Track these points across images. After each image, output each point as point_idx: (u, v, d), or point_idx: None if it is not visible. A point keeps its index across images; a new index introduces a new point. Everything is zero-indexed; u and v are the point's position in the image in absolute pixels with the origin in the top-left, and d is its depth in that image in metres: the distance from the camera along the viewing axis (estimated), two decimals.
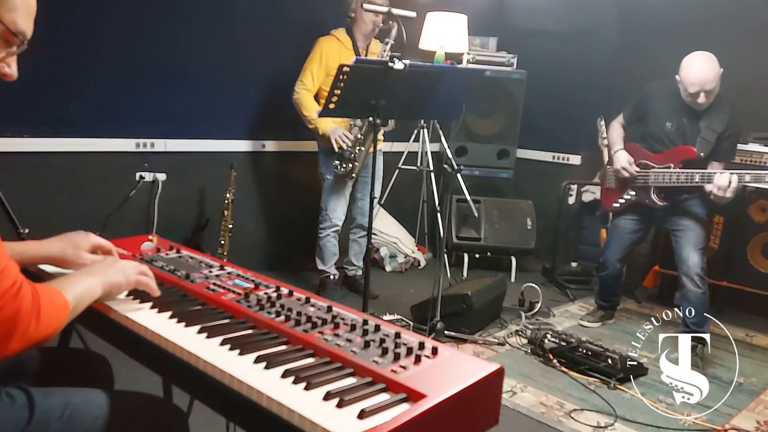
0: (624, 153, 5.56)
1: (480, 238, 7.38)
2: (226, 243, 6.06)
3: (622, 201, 5.69)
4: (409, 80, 4.47)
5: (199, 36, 6.03)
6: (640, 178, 5.49)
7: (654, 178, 5.40)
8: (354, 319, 2.06)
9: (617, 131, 5.72)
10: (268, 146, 6.73)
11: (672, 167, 5.30)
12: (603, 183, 5.96)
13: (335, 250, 6.35)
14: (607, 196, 5.89)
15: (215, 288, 2.31)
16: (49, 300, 1.87)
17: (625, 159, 5.53)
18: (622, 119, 5.76)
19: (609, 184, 5.83)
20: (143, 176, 5.84)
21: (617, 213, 5.81)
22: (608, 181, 5.84)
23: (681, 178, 5.23)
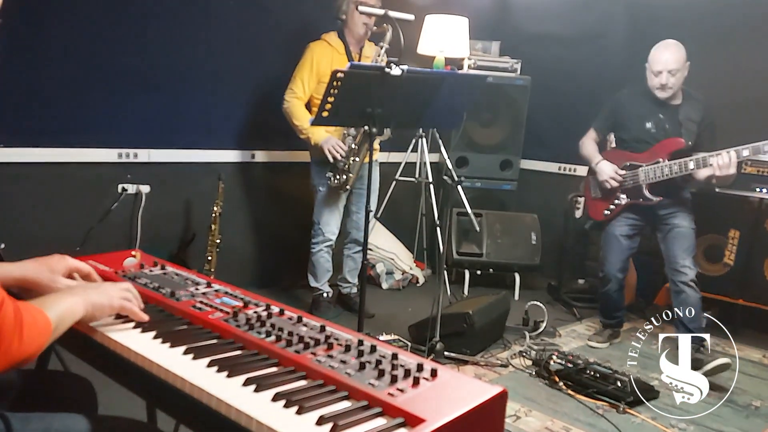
0: (606, 163, 5.87)
1: (482, 254, 7.39)
2: (213, 259, 6.06)
3: (613, 207, 5.87)
4: (406, 87, 4.47)
5: (185, 41, 6.05)
6: (629, 180, 5.75)
7: (644, 176, 5.66)
8: (348, 340, 2.07)
9: (591, 145, 6.06)
10: (257, 157, 6.74)
11: (661, 162, 5.57)
12: (587, 193, 6.14)
13: (328, 267, 6.33)
14: (594, 206, 6.07)
15: (202, 307, 2.31)
16: (31, 318, 1.87)
17: (608, 169, 5.83)
18: (593, 134, 6.10)
19: (595, 194, 6.04)
20: (126, 188, 5.85)
21: (609, 220, 5.91)
22: (593, 191, 6.05)
23: (674, 169, 5.50)
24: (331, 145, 5.78)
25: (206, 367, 1.91)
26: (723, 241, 6.53)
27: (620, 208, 5.83)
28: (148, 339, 2.08)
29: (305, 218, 6.41)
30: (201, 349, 2.02)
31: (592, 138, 6.07)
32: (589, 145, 6.05)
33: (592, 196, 6.06)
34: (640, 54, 7.41)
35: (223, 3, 6.25)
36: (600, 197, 5.97)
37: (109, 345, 2.08)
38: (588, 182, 6.12)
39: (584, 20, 7.99)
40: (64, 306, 2.03)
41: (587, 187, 6.14)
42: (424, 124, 5.99)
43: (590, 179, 6.08)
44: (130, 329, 2.15)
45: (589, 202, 6.13)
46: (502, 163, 7.95)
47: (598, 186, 5.97)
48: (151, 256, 2.90)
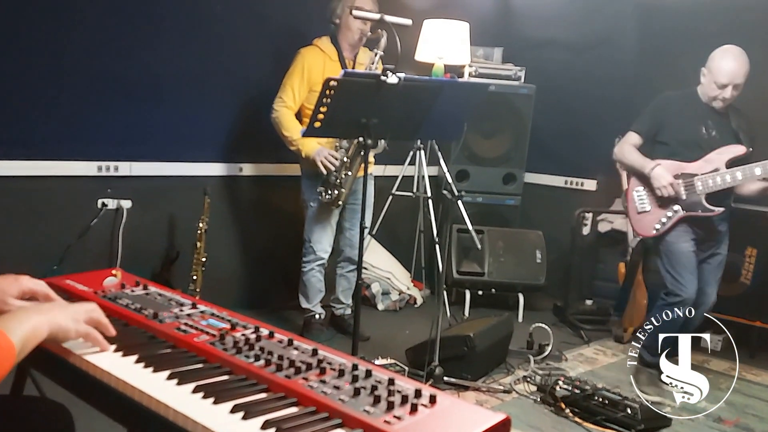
0: (663, 169, 5.57)
1: (483, 273, 7.39)
2: (198, 278, 6.06)
3: (665, 220, 5.63)
4: (404, 96, 4.48)
5: (169, 46, 6.05)
6: (685, 190, 5.54)
7: (702, 186, 5.48)
8: (342, 364, 2.07)
9: (635, 151, 5.76)
10: (245, 170, 6.75)
11: (719, 170, 5.44)
12: (631, 209, 5.86)
13: (321, 287, 6.33)
14: (641, 221, 5.79)
15: (187, 329, 2.31)
16: None
17: (667, 174, 5.56)
18: (636, 139, 5.79)
19: (642, 208, 5.76)
20: (106, 203, 5.85)
21: (661, 235, 5.68)
22: (640, 205, 5.78)
23: (738, 177, 5.38)
24: (324, 156, 5.76)
25: (191, 392, 1.91)
26: (739, 259, 6.54)
27: (675, 222, 5.60)
28: (130, 363, 2.08)
29: (296, 235, 6.42)
30: (186, 373, 2.02)
31: (632, 143, 5.78)
32: (632, 152, 5.76)
33: (638, 210, 5.77)
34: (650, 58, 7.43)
35: (208, 6, 6.25)
36: (647, 210, 5.72)
37: (87, 369, 2.08)
38: (629, 195, 5.85)
39: (592, 25, 8.02)
40: (28, 327, 1.99)
41: (629, 201, 5.87)
42: (423, 135, 6.00)
43: (633, 192, 5.81)
44: (111, 352, 2.15)
45: (633, 218, 5.84)
46: (505, 177, 7.97)
47: (647, 197, 5.73)
48: (132, 276, 2.90)
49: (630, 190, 5.84)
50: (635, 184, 5.80)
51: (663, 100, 5.80)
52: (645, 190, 5.72)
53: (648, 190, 5.70)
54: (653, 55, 7.49)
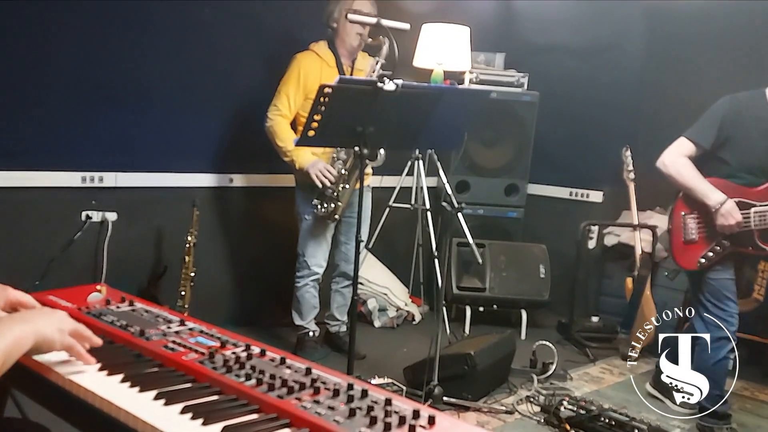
0: (732, 203, 5.05)
1: (484, 289, 7.39)
2: (187, 294, 6.05)
3: (712, 254, 5.21)
4: (401, 103, 4.48)
5: (155, 52, 6.05)
6: None
7: (759, 221, 5.07)
8: (337, 383, 2.07)
9: (695, 172, 5.19)
10: (236, 181, 6.75)
11: None
12: (676, 236, 5.39)
13: (315, 303, 6.31)
14: (686, 252, 5.35)
15: (174, 347, 2.32)
16: None
17: (737, 213, 5.05)
18: (692, 150, 5.22)
19: (690, 236, 5.28)
20: (90, 216, 5.84)
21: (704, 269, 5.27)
22: (688, 232, 5.29)
23: None
24: (319, 169, 5.74)
25: (179, 413, 1.91)
26: (752, 274, 6.54)
27: (720, 257, 5.20)
28: (116, 383, 2.09)
29: (289, 249, 6.41)
30: (174, 393, 2.02)
31: (686, 155, 5.20)
32: (691, 170, 5.17)
33: (684, 239, 5.31)
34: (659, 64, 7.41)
35: (197, 10, 6.24)
36: (696, 240, 5.25)
37: (71, 389, 2.08)
38: (677, 220, 5.37)
39: (598, 29, 8.04)
40: (11, 338, 1.99)
41: (675, 226, 5.38)
42: (421, 144, 6.01)
43: (682, 217, 5.33)
44: (96, 371, 2.15)
45: (677, 246, 5.37)
46: (508, 188, 7.97)
47: (696, 225, 5.26)
48: (118, 291, 2.90)
49: (676, 212, 5.40)
50: (683, 207, 5.34)
51: (731, 105, 5.15)
52: (694, 216, 5.28)
53: (698, 217, 5.26)
54: (662, 60, 7.49)
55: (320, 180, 5.75)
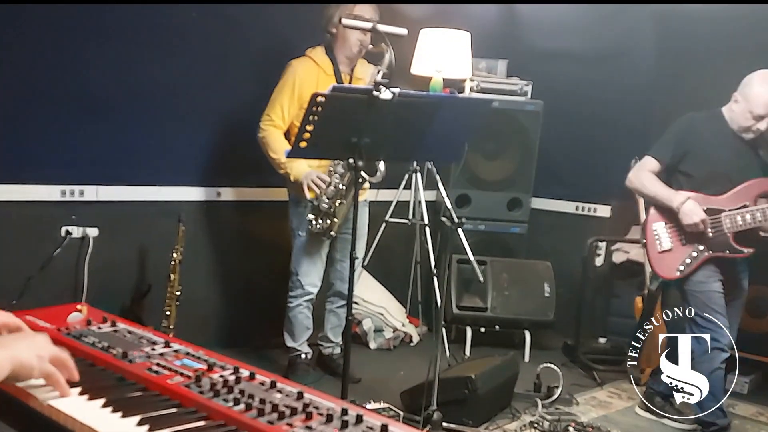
0: (694, 203, 5.46)
1: (486, 308, 7.38)
2: (172, 314, 6.04)
3: (689, 261, 5.54)
4: (398, 113, 4.47)
5: (139, 59, 6.04)
6: (711, 228, 5.47)
7: (730, 224, 5.43)
8: (331, 408, 2.07)
9: (657, 181, 5.66)
10: (224, 194, 6.75)
11: (748, 205, 5.41)
12: (650, 247, 5.76)
13: (308, 324, 6.30)
14: (662, 261, 5.70)
15: (159, 370, 2.32)
16: None
17: (699, 211, 5.44)
18: (655, 165, 5.70)
19: (664, 246, 5.66)
20: (70, 231, 5.85)
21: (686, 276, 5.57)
22: (663, 242, 5.68)
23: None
24: (311, 179, 5.70)
25: None
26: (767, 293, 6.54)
27: (699, 263, 5.52)
28: (97, 407, 2.08)
29: (281, 267, 6.40)
30: (158, 419, 2.02)
31: (651, 170, 5.69)
32: (653, 180, 5.66)
33: (658, 249, 5.69)
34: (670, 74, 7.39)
35: (184, 15, 6.21)
36: (669, 249, 5.63)
37: (50, 414, 2.07)
38: (648, 231, 5.76)
39: (605, 35, 8.03)
40: None
41: (648, 237, 5.76)
42: (419, 156, 6.02)
43: (652, 228, 5.73)
44: (76, 395, 2.15)
45: (653, 257, 5.74)
46: (510, 202, 7.98)
47: (668, 234, 5.65)
48: (99, 311, 2.90)
49: (648, 224, 5.76)
50: (655, 218, 5.72)
51: (687, 123, 5.66)
52: (666, 226, 5.65)
53: (670, 225, 5.63)
54: (673, 68, 7.48)
55: (310, 188, 5.69)
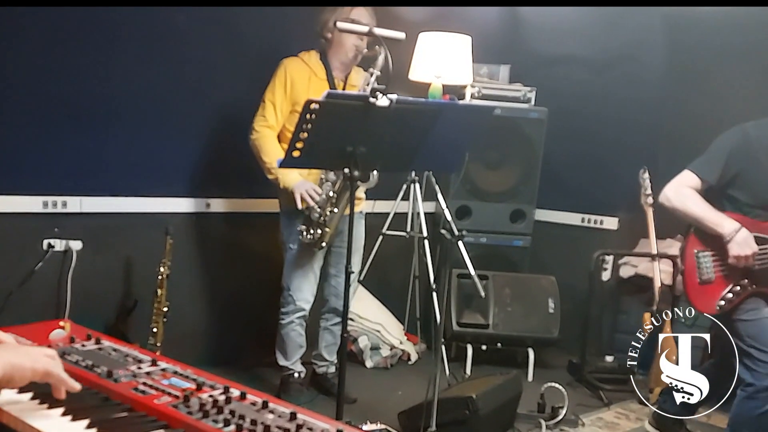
0: (747, 233, 5.04)
1: (488, 325, 7.37)
2: (159, 331, 6.03)
3: (731, 296, 5.13)
4: (396, 120, 4.48)
5: (124, 64, 6.04)
6: (758, 259, 5.07)
7: None
8: (325, 430, 2.08)
9: (703, 202, 5.19)
10: (213, 206, 6.75)
11: None
12: (690, 276, 5.32)
13: (301, 342, 6.28)
14: (703, 294, 5.26)
15: (146, 389, 2.32)
16: None
17: (752, 242, 5.04)
18: (697, 183, 5.23)
19: (707, 276, 5.22)
20: (52, 244, 5.84)
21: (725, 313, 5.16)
22: (704, 272, 5.24)
23: None
24: (305, 189, 5.67)
25: None
26: None
27: (740, 299, 5.11)
28: (80, 429, 2.09)
29: (273, 282, 6.39)
30: None
31: (693, 187, 5.20)
32: (698, 200, 5.17)
33: (699, 280, 5.24)
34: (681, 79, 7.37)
35: (171, 17, 6.20)
36: (712, 280, 5.19)
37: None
38: (689, 258, 5.31)
39: (612, 39, 8.03)
40: None
41: (688, 265, 5.31)
42: (418, 166, 6.02)
43: (695, 255, 5.27)
44: (58, 416, 2.15)
45: (693, 288, 5.28)
46: (513, 214, 7.99)
47: (711, 263, 5.21)
48: (83, 328, 2.91)
49: (689, 250, 5.32)
50: (696, 243, 5.29)
51: (740, 138, 5.18)
52: (710, 254, 5.23)
53: (713, 253, 5.22)
54: (683, 73, 7.48)
55: (303, 199, 5.66)
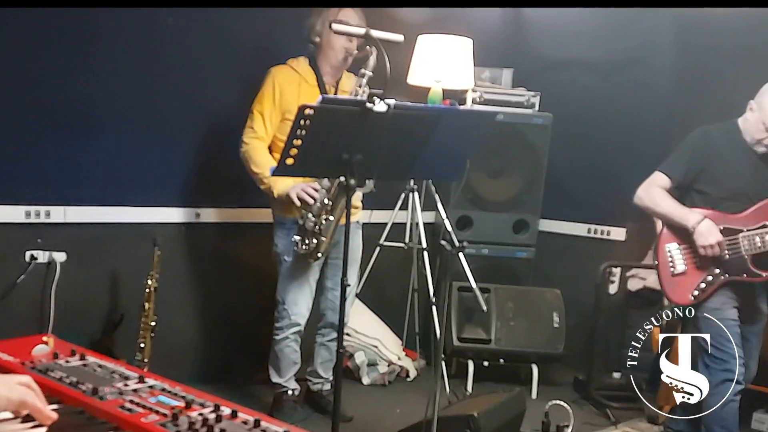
0: (711, 224, 5.43)
1: (490, 340, 7.37)
2: (147, 346, 6.03)
3: (704, 285, 5.52)
4: (394, 127, 4.46)
5: (110, 69, 6.04)
6: (728, 249, 5.44)
7: (748, 245, 5.40)
8: None
9: (670, 199, 5.65)
10: (203, 216, 6.74)
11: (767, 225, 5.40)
12: (663, 270, 5.73)
13: (296, 358, 6.26)
14: (676, 286, 5.67)
15: (133, 407, 2.32)
16: None
17: (716, 232, 5.43)
18: (666, 182, 5.69)
19: (678, 269, 5.64)
20: (35, 256, 5.84)
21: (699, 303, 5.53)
22: (676, 264, 5.66)
23: None
24: (300, 188, 5.60)
25: None
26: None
27: (714, 288, 5.50)
28: None
29: (266, 296, 6.39)
30: None
31: (662, 186, 5.67)
32: (665, 198, 5.64)
33: (672, 273, 5.66)
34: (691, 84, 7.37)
35: (158, 20, 6.21)
36: (683, 272, 5.61)
37: None
38: (661, 253, 5.72)
39: (620, 42, 8.04)
40: None
41: (660, 259, 5.73)
42: (417, 174, 6.01)
43: (665, 249, 5.70)
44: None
45: (666, 281, 5.70)
46: (516, 224, 7.99)
47: (682, 256, 5.62)
48: (67, 343, 2.90)
49: (661, 245, 5.74)
50: (668, 238, 5.69)
51: (702, 137, 5.66)
52: (680, 247, 5.63)
53: (684, 246, 5.60)
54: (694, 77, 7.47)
55: (302, 199, 5.59)
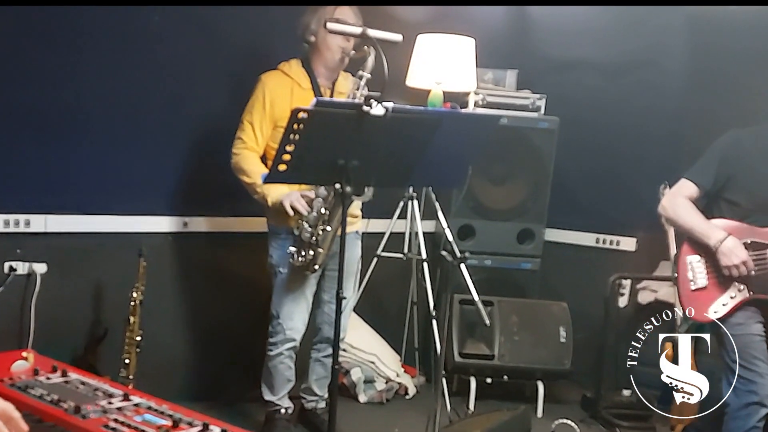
0: (736, 242, 5.34)
1: (493, 356, 7.34)
2: (132, 362, 6.02)
3: (726, 303, 5.43)
4: (392, 131, 4.46)
5: (93, 71, 6.03)
6: (755, 265, 5.34)
7: None
8: None
9: (695, 212, 5.55)
10: (192, 225, 6.73)
11: None
12: (683, 283, 5.66)
13: (290, 375, 6.22)
14: (696, 301, 5.56)
15: (117, 426, 2.32)
16: None
17: (741, 250, 5.33)
18: (693, 191, 5.58)
19: (699, 283, 5.55)
20: (14, 267, 5.83)
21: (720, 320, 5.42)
22: (697, 279, 5.57)
23: None
24: (294, 197, 5.60)
25: None
26: None
27: (736, 305, 5.41)
28: None
29: (259, 309, 6.38)
30: None
31: (688, 196, 5.57)
32: (690, 211, 5.54)
33: (692, 287, 5.57)
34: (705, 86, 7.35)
35: (144, 18, 6.20)
36: (703, 287, 5.51)
37: None
38: (682, 266, 5.65)
39: (629, 42, 8.03)
40: None
41: (681, 273, 5.66)
42: (416, 181, 6.00)
43: (687, 262, 5.61)
44: None
45: (685, 295, 5.61)
46: (521, 234, 7.98)
47: (704, 270, 5.53)
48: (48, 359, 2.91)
49: (682, 258, 5.65)
50: (689, 250, 5.61)
51: (731, 143, 5.57)
52: (702, 261, 5.55)
53: (706, 260, 5.50)
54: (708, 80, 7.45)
55: (295, 208, 5.58)
